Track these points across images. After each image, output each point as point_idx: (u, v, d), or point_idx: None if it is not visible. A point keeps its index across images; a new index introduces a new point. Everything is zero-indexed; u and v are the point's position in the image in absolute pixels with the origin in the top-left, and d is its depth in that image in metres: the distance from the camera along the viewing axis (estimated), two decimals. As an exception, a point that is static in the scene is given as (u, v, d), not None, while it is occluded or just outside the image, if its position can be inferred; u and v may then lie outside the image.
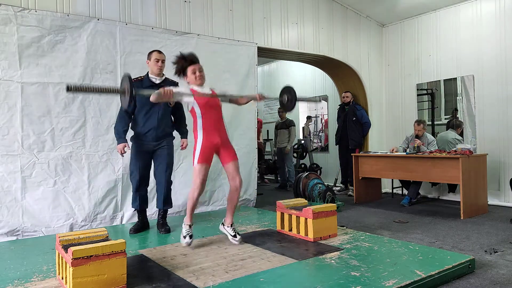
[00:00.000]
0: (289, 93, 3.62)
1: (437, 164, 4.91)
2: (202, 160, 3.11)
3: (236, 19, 5.32)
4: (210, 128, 3.16)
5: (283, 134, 7.59)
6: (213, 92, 3.26)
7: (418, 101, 6.57)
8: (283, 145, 7.54)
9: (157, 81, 3.76)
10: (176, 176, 4.75)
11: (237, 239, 3.28)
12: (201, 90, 3.18)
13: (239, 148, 5.32)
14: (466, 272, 2.76)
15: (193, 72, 3.18)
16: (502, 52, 5.46)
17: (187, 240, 3.17)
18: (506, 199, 5.40)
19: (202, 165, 3.11)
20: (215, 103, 3.22)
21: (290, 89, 3.61)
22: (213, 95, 3.21)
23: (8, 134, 3.79)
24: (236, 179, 3.23)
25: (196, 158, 3.12)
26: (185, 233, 3.20)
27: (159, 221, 3.92)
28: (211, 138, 3.16)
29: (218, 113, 3.25)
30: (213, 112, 3.20)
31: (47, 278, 2.59)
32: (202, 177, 3.12)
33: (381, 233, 3.93)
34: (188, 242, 3.18)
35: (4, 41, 3.75)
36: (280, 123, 7.73)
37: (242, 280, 2.46)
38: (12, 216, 3.77)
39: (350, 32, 6.64)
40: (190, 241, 3.18)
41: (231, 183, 3.26)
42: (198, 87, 3.20)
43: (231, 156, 3.25)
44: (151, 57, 3.74)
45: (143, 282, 2.47)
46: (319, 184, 5.52)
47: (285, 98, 3.62)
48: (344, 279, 2.45)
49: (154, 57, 3.72)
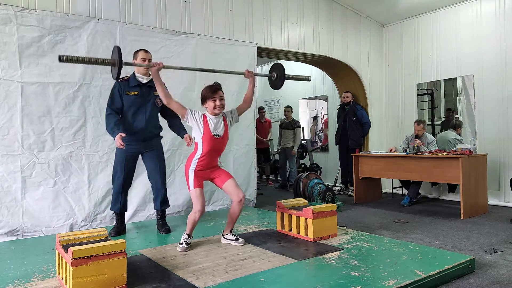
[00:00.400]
0: (278, 70, 3.61)
1: (437, 164, 4.91)
2: (197, 185, 3.14)
3: (236, 19, 5.32)
4: (205, 166, 3.17)
5: (288, 134, 7.52)
6: (225, 122, 3.21)
7: (418, 101, 6.58)
8: (288, 145, 7.49)
9: (144, 81, 3.67)
10: (176, 176, 4.76)
11: (240, 241, 3.27)
12: (214, 120, 3.14)
13: (239, 148, 5.34)
14: (466, 272, 2.76)
15: (214, 100, 3.09)
16: (502, 52, 5.46)
17: (183, 246, 3.14)
18: (506, 199, 5.41)
19: (199, 189, 3.14)
20: (219, 147, 3.20)
21: (280, 66, 3.60)
22: (225, 134, 3.18)
23: (8, 134, 3.79)
24: (240, 193, 3.20)
25: (192, 183, 3.14)
26: (183, 240, 3.18)
27: (159, 222, 3.90)
28: (203, 172, 3.19)
29: (219, 154, 3.25)
30: (215, 153, 3.19)
31: (47, 278, 2.59)
32: (202, 199, 3.14)
33: (381, 233, 3.93)
34: (184, 248, 3.13)
35: (4, 41, 3.76)
36: (285, 122, 7.65)
37: (242, 280, 2.46)
38: (12, 216, 3.77)
39: (350, 32, 6.64)
40: (186, 247, 3.14)
41: (234, 198, 3.21)
42: (213, 117, 3.15)
43: (225, 178, 3.24)
44: (137, 56, 3.61)
45: (143, 282, 2.47)
46: (319, 184, 5.52)
47: (274, 75, 3.61)
48: (344, 279, 2.45)
49: (141, 56, 3.59)
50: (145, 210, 4.49)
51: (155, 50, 4.55)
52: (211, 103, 3.11)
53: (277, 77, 3.63)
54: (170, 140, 4.65)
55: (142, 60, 3.57)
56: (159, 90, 3.12)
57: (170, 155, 4.69)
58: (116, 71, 2.95)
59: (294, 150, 7.42)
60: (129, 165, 3.72)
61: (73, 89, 4.08)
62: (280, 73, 3.63)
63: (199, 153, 3.13)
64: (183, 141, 4.76)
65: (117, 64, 2.90)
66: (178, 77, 4.73)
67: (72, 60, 2.76)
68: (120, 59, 2.88)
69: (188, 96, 4.79)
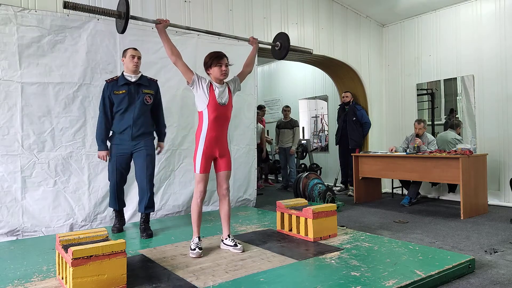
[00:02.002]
0: (282, 39, 3.56)
1: (437, 164, 4.91)
2: (204, 170, 3.06)
3: (236, 19, 5.32)
4: (212, 139, 3.07)
5: (286, 134, 7.48)
6: (229, 90, 3.17)
7: (418, 101, 6.58)
8: (287, 145, 7.46)
9: (132, 79, 3.66)
10: (176, 176, 4.76)
11: (238, 247, 3.10)
12: (220, 89, 3.09)
13: (239, 148, 5.33)
14: (466, 272, 2.76)
15: (219, 66, 3.04)
16: (502, 52, 5.46)
17: (196, 251, 2.99)
18: (506, 199, 5.41)
19: (204, 174, 3.08)
20: (225, 115, 3.13)
21: (284, 35, 3.55)
22: (229, 102, 3.14)
23: (8, 134, 3.79)
24: (223, 186, 3.15)
25: (198, 167, 3.06)
26: (194, 246, 3.04)
27: (141, 226, 3.76)
28: (211, 150, 3.09)
29: (225, 125, 3.16)
30: (221, 122, 3.10)
31: (47, 278, 2.59)
32: (204, 183, 3.08)
33: (381, 233, 3.93)
34: (198, 253, 2.99)
35: (4, 41, 3.75)
36: (283, 122, 7.61)
37: (242, 280, 2.46)
38: (12, 216, 3.77)
39: (350, 32, 6.64)
40: (200, 252, 3.00)
41: (218, 192, 3.20)
42: (218, 85, 3.10)
43: (225, 167, 3.17)
44: (126, 54, 3.64)
45: (143, 282, 2.47)
46: (319, 184, 5.52)
47: (278, 44, 3.56)
48: (344, 279, 2.45)
49: (130, 53, 3.62)
50: (145, 210, 4.48)
51: (155, 50, 4.56)
52: (217, 68, 3.04)
53: (281, 47, 3.56)
54: (170, 140, 4.65)
55: (131, 57, 3.62)
56: (165, 46, 3.02)
57: (170, 155, 4.69)
58: (122, 25, 2.84)
59: (292, 149, 7.41)
60: (120, 165, 3.72)
61: (73, 89, 4.08)
62: (284, 42, 3.56)
63: (206, 124, 3.04)
64: (183, 141, 4.81)
65: (123, 16, 2.78)
66: (178, 77, 4.72)
67: (77, 7, 2.64)
68: (128, 11, 2.77)
69: (188, 96, 4.80)
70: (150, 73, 4.55)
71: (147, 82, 3.77)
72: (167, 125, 4.10)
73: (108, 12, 2.82)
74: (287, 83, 9.26)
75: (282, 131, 7.56)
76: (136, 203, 4.40)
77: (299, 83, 8.92)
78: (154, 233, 3.81)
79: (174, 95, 4.72)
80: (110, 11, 2.83)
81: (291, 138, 7.44)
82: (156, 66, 4.58)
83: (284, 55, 3.64)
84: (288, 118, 7.59)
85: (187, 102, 4.81)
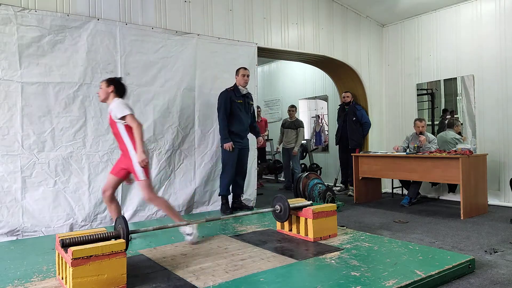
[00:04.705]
0: (281, 201, 3.55)
1: (437, 164, 4.91)
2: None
3: (236, 19, 5.32)
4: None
5: (290, 134, 7.42)
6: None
7: (418, 101, 6.57)
8: (291, 145, 7.41)
9: (244, 92, 4.73)
10: (176, 176, 4.76)
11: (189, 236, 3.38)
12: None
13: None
14: (466, 272, 2.76)
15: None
16: (502, 52, 5.46)
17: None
18: (506, 199, 5.40)
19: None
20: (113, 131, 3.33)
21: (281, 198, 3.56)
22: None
23: (8, 134, 3.79)
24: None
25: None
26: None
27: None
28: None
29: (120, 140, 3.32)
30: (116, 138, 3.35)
31: (47, 278, 2.59)
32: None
33: (381, 233, 3.93)
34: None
35: (4, 41, 3.75)
36: (288, 122, 7.51)
37: (242, 280, 2.46)
38: (12, 216, 3.77)
39: (350, 32, 6.64)
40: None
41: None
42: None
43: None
44: (239, 73, 4.69)
45: (143, 282, 2.47)
46: (319, 184, 5.52)
47: (278, 208, 3.55)
48: (344, 279, 2.45)
49: (241, 72, 4.69)
50: (145, 210, 4.49)
51: (155, 50, 4.56)
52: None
53: (282, 210, 3.52)
54: (170, 140, 4.66)
55: (242, 76, 4.66)
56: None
57: (170, 155, 4.70)
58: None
59: (295, 150, 7.39)
60: (237, 157, 4.70)
61: (73, 89, 4.08)
62: (283, 203, 3.52)
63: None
64: (183, 141, 4.81)
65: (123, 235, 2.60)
66: (178, 77, 4.73)
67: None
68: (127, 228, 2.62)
69: (188, 96, 4.80)
70: (150, 73, 4.56)
71: (250, 96, 4.90)
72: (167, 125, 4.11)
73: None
74: (287, 83, 9.26)
75: (286, 130, 7.51)
76: (135, 204, 4.45)
77: (299, 83, 8.92)
78: (154, 233, 3.80)
79: (174, 95, 4.71)
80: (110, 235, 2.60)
81: (294, 139, 7.42)
82: (156, 66, 4.58)
83: (286, 218, 3.53)
84: (293, 118, 7.52)
85: (187, 102, 4.81)
